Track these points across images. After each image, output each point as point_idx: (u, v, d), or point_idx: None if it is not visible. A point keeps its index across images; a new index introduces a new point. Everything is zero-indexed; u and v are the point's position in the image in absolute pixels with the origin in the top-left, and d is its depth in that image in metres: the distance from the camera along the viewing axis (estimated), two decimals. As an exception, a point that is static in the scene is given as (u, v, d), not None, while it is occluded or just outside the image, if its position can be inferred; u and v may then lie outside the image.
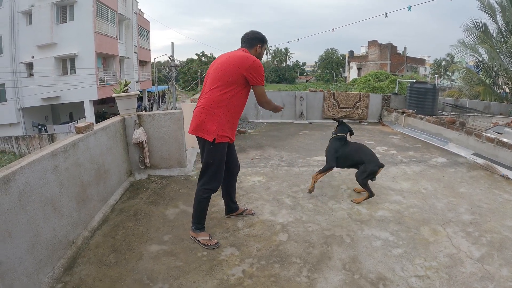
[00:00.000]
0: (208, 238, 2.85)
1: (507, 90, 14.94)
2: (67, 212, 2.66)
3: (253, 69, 2.66)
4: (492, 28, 14.01)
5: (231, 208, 3.33)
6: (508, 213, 3.51)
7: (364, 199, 3.72)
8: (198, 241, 2.86)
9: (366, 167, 3.66)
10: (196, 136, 2.76)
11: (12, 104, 19.86)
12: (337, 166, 3.90)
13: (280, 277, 2.44)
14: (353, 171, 4.13)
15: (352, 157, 3.82)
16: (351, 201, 3.74)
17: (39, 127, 20.28)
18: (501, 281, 2.39)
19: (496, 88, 15.02)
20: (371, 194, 3.68)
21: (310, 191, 3.85)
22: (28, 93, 19.25)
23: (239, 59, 2.67)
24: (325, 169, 3.84)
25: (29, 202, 2.18)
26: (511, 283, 2.37)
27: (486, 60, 14.47)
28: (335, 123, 4.20)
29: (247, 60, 2.66)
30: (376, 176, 3.78)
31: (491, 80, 14.94)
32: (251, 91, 2.82)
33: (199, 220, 2.90)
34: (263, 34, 2.90)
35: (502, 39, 13.82)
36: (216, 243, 2.84)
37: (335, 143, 3.95)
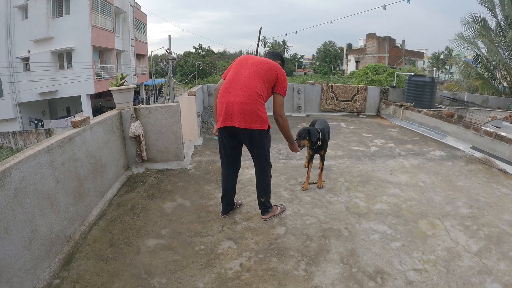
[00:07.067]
0: (279, 207, 3.31)
1: (505, 84, 14.92)
2: (64, 207, 2.64)
3: (284, 77, 2.93)
4: (491, 22, 13.97)
5: (231, 207, 3.30)
6: (506, 207, 3.51)
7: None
8: (278, 214, 3.23)
9: None
10: (242, 129, 2.77)
11: (9, 99, 19.66)
12: None
13: (278, 270, 2.44)
14: (351, 164, 4.35)
15: None
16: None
17: (36, 122, 20.14)
18: (498, 275, 2.40)
19: (495, 82, 15.00)
20: None
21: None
22: (25, 88, 19.09)
23: (276, 65, 2.93)
24: None
25: (25, 198, 2.17)
26: (508, 277, 2.38)
27: (485, 54, 14.44)
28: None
29: (281, 68, 2.97)
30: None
31: (489, 74, 14.92)
32: None
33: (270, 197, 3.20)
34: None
35: (501, 33, 13.77)
36: (282, 204, 3.41)
37: None
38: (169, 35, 24.02)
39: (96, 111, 20.87)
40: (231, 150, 3.03)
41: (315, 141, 3.71)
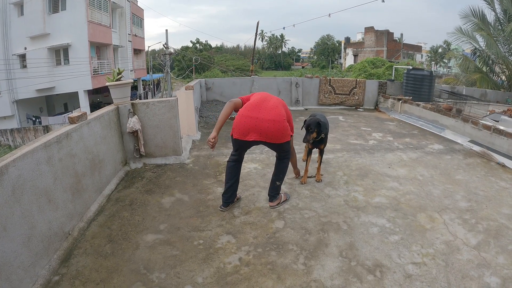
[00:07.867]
0: (283, 194, 3.45)
1: (503, 78, 14.88)
2: (62, 203, 2.63)
3: (291, 120, 3.31)
4: (490, 16, 13.89)
5: (233, 199, 3.34)
6: (504, 201, 3.52)
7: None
8: (283, 202, 3.39)
9: None
10: (273, 144, 3.11)
11: (6, 97, 19.52)
12: None
13: (277, 264, 2.44)
14: (349, 157, 4.30)
15: None
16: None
17: (33, 119, 20.05)
18: (497, 269, 2.41)
19: (493, 76, 14.96)
20: None
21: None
22: (22, 85, 18.98)
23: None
24: None
25: (23, 195, 2.16)
26: (507, 271, 2.38)
27: (483, 47, 14.37)
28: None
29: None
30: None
31: (487, 68, 14.89)
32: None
33: None
34: None
35: (500, 27, 13.70)
36: (285, 193, 3.55)
37: None
38: (166, 30, 23.93)
39: (94, 107, 20.78)
40: (246, 150, 3.32)
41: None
